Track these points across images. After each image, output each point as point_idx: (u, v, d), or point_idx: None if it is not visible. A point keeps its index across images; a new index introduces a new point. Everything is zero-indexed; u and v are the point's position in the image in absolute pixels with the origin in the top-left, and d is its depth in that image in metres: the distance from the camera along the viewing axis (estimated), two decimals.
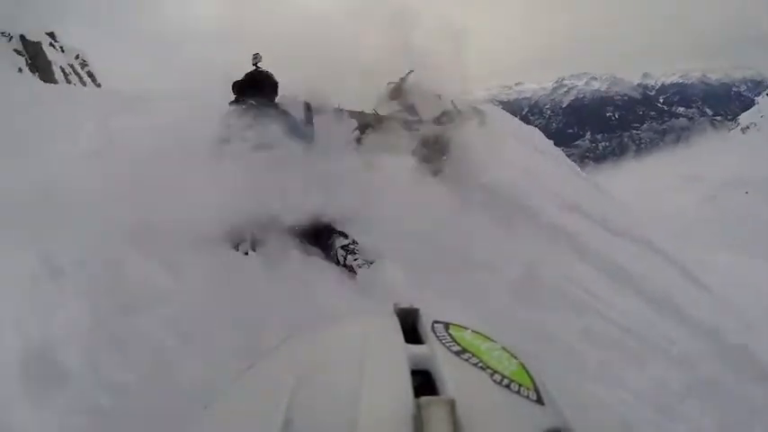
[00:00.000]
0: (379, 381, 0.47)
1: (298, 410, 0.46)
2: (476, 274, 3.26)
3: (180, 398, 1.67)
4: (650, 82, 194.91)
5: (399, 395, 0.45)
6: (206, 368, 2.01)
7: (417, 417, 0.42)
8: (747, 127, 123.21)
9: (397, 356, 0.51)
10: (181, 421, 0.81)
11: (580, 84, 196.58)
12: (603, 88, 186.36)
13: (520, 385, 0.49)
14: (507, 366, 0.51)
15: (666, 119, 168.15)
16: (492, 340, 0.56)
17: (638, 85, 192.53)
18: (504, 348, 0.55)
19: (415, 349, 0.52)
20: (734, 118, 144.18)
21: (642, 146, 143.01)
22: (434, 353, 0.52)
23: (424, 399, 0.42)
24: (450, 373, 0.49)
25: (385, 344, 0.54)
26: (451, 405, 0.42)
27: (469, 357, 0.51)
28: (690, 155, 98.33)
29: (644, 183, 63.77)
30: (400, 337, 0.55)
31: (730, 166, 63.01)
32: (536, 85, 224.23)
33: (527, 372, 0.51)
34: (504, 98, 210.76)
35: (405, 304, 0.62)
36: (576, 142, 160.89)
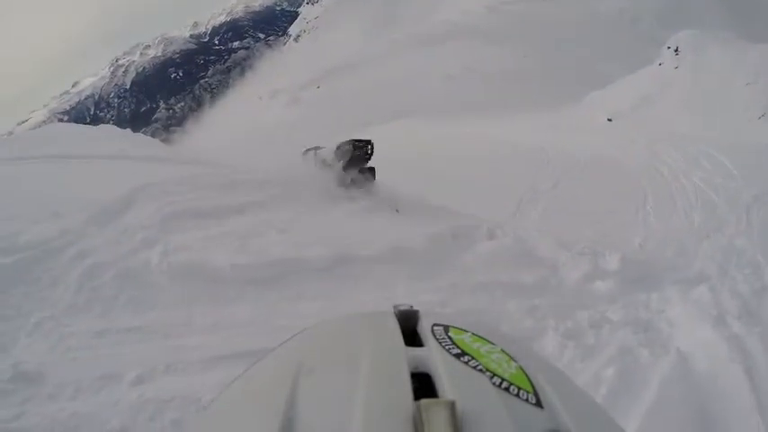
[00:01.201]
0: (379, 383, 0.48)
1: (297, 412, 0.46)
2: None
3: None
4: (201, 30, 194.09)
5: (399, 397, 0.46)
6: None
7: (417, 419, 0.42)
8: (299, 35, 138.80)
9: (397, 359, 0.52)
10: None
11: (136, 57, 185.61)
12: (160, 53, 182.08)
13: (519, 388, 0.50)
14: (507, 369, 0.52)
15: (227, 56, 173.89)
16: (492, 343, 0.57)
17: (191, 36, 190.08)
18: (503, 351, 0.56)
19: (415, 351, 0.54)
20: (285, 33, 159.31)
21: (215, 91, 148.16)
22: (434, 355, 0.53)
23: (423, 401, 0.43)
24: (449, 375, 0.49)
25: (385, 346, 0.55)
26: (451, 407, 0.42)
27: (469, 360, 0.52)
28: (262, 78, 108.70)
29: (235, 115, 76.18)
30: (400, 339, 0.56)
31: (298, 71, 78.10)
32: (93, 77, 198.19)
33: (526, 375, 0.52)
34: (68, 106, 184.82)
35: (405, 306, 0.65)
36: (155, 116, 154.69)
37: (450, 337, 0.57)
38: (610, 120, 21.96)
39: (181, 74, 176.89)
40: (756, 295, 4.97)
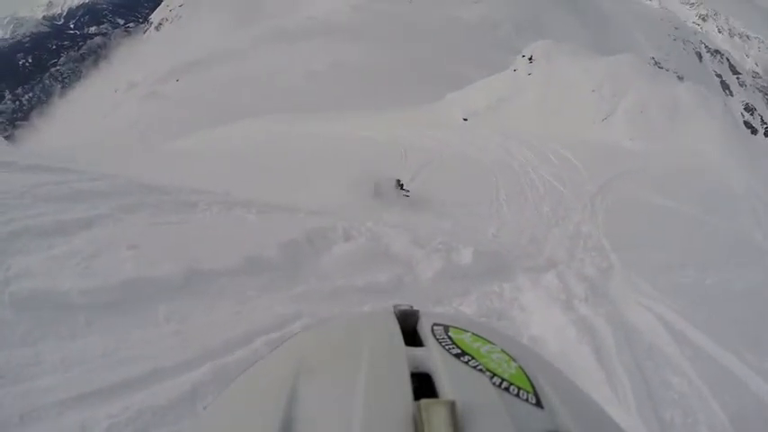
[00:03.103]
0: (379, 383, 0.48)
1: (297, 412, 0.47)
2: None
3: None
4: (56, 11, 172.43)
5: (399, 397, 0.46)
6: None
7: (417, 419, 0.42)
8: (161, 24, 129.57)
9: (397, 358, 0.52)
10: None
11: None
12: (8, 35, 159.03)
13: (519, 388, 0.50)
14: (507, 369, 0.52)
15: (82, 43, 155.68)
16: (492, 343, 0.57)
17: (44, 18, 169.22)
18: (503, 351, 0.56)
19: (415, 351, 0.53)
20: (145, 20, 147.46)
21: (67, 81, 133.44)
22: (434, 355, 0.52)
23: (423, 401, 0.43)
24: (449, 375, 0.49)
25: (385, 346, 0.55)
26: (451, 407, 0.42)
27: (469, 360, 0.52)
28: (118, 68, 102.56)
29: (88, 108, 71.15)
30: (400, 339, 0.56)
31: (158, 62, 72.73)
32: None
33: (526, 375, 0.52)
34: None
35: (405, 306, 0.64)
36: None
37: (450, 337, 0.56)
38: (465, 119, 23.16)
39: (30, 60, 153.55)
40: (602, 274, 5.48)
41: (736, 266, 6.34)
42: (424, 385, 0.49)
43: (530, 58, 26.28)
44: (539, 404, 0.49)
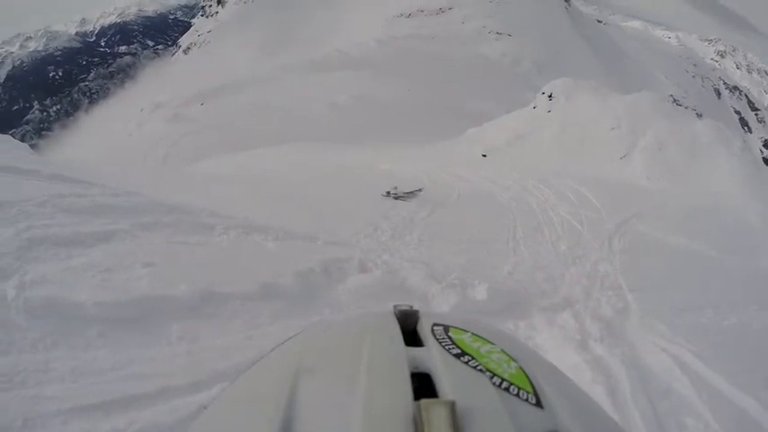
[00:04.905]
0: (379, 383, 0.48)
1: (296, 412, 0.47)
2: None
3: None
4: (88, 28, 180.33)
5: (399, 397, 0.46)
6: None
7: (417, 419, 0.42)
8: (189, 48, 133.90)
9: (397, 358, 0.52)
10: None
11: (15, 49, 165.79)
12: (41, 47, 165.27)
13: (519, 388, 0.50)
14: (506, 369, 0.52)
15: (111, 61, 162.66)
16: (491, 343, 0.57)
17: (77, 33, 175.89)
18: (503, 351, 0.56)
19: (415, 351, 0.54)
20: (174, 43, 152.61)
21: (94, 96, 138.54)
22: (434, 355, 0.53)
23: (423, 401, 0.43)
24: (449, 375, 0.49)
25: (385, 346, 0.55)
26: (451, 407, 0.43)
27: (469, 360, 0.52)
28: (145, 88, 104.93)
29: (113, 125, 71.41)
30: (400, 339, 0.56)
31: (184, 85, 75.53)
32: None
33: (526, 375, 0.52)
34: None
35: (405, 306, 0.65)
36: (27, 117, 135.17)
37: (450, 337, 0.57)
38: (484, 155, 23.25)
39: (60, 73, 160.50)
40: (619, 315, 5.35)
41: (754, 307, 6.17)
42: (424, 385, 0.50)
43: (549, 96, 26.42)
44: (539, 404, 0.50)
